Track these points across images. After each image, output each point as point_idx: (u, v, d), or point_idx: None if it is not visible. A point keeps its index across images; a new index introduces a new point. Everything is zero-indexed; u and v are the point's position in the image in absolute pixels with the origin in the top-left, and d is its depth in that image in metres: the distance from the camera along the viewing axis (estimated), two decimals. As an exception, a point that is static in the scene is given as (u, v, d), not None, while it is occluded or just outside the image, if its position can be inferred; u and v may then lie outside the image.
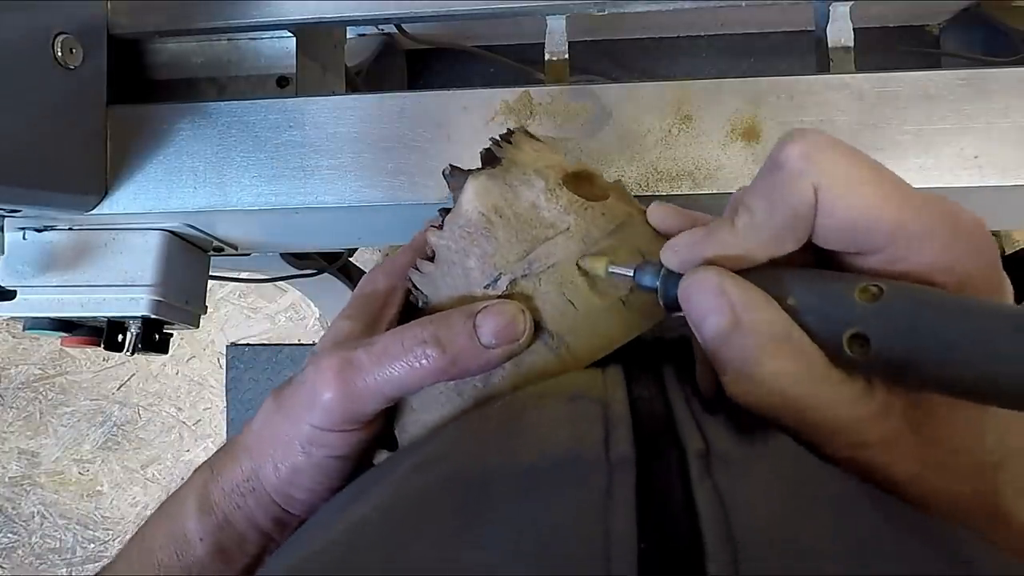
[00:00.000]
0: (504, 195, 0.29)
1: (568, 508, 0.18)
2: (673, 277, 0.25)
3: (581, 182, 0.31)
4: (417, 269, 0.30)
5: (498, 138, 0.31)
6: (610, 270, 0.28)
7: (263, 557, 0.30)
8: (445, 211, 0.30)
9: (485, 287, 0.29)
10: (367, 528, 0.20)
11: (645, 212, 0.30)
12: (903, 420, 0.21)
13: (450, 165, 0.31)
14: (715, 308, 0.23)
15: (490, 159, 0.30)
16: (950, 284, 0.20)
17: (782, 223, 0.22)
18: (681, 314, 0.25)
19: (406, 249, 0.33)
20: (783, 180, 0.21)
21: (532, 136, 0.33)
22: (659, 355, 0.30)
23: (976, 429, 0.21)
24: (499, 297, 0.28)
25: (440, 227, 0.30)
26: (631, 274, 0.27)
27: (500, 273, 0.29)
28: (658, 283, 0.26)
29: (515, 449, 0.21)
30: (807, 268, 0.23)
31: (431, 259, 0.30)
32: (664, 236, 0.28)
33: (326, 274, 0.79)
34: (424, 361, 0.26)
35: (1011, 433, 0.21)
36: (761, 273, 0.23)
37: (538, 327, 0.28)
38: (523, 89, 0.39)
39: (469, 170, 0.30)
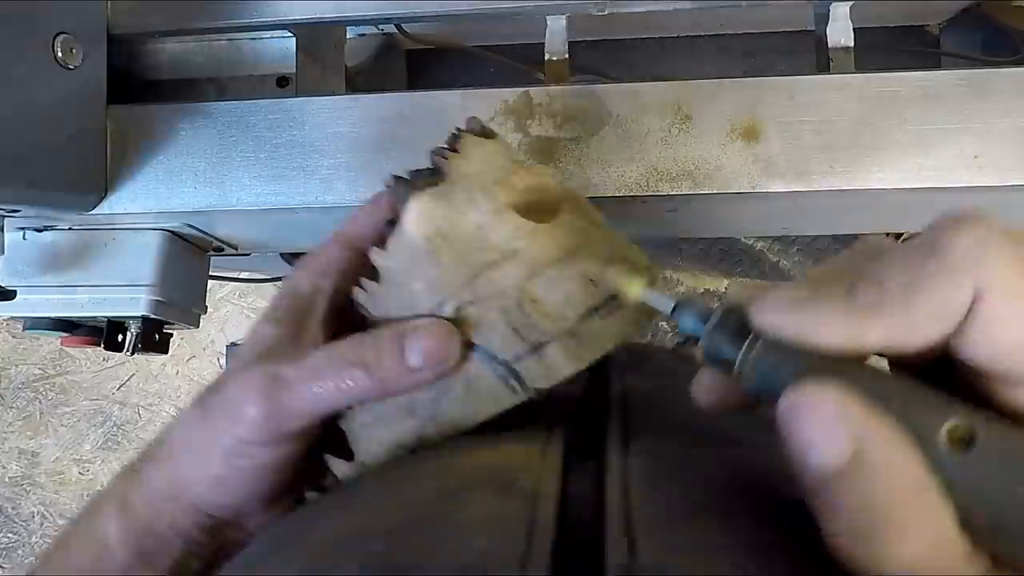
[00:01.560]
0: (448, 217, 0.27)
1: None
2: (732, 327, 0.20)
3: (533, 194, 0.29)
4: (362, 288, 0.29)
5: (444, 147, 0.29)
6: (643, 295, 0.25)
7: (190, 562, 0.29)
8: (399, 179, 0.29)
9: (431, 312, 0.28)
10: None
11: (599, 224, 0.29)
12: None
13: (392, 175, 0.29)
14: (834, 438, 0.17)
15: (436, 170, 0.29)
16: None
17: (922, 317, 0.17)
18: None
19: (330, 244, 0.32)
20: (940, 268, 0.17)
21: (484, 132, 0.31)
22: (607, 415, 0.28)
23: None
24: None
25: (384, 248, 0.28)
26: (668, 311, 0.23)
27: (446, 298, 0.27)
28: (704, 332, 0.21)
29: (436, 547, 0.20)
30: (902, 376, 0.18)
31: (375, 279, 0.29)
32: (617, 255, 0.27)
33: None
34: (350, 382, 0.26)
35: None
36: (853, 372, 0.18)
37: (487, 354, 0.27)
38: (523, 89, 0.39)
39: (412, 181, 0.29)
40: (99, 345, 0.46)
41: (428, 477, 0.25)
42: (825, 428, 0.17)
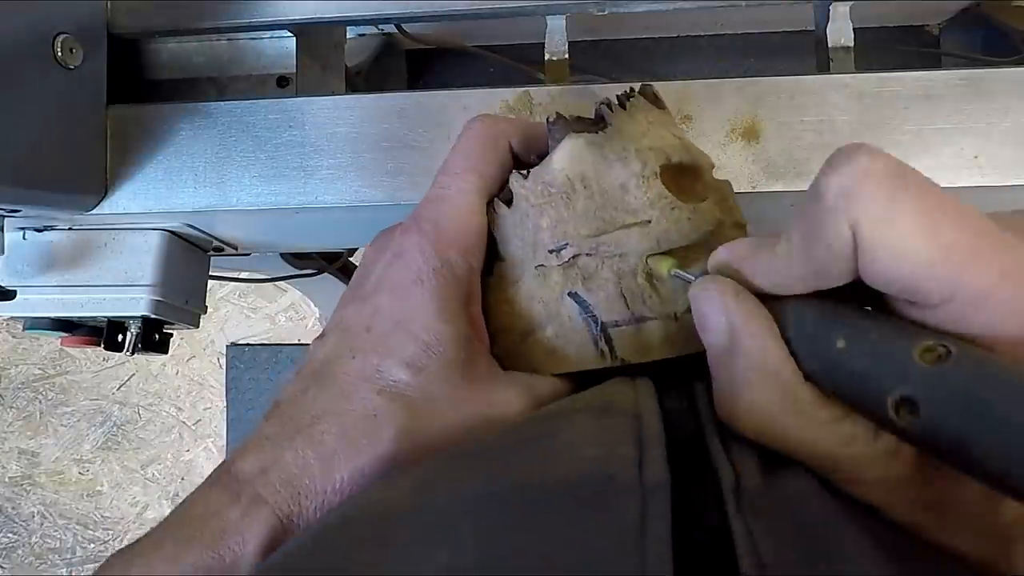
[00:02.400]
0: (596, 166, 0.27)
1: (601, 537, 0.17)
2: None
3: (684, 174, 0.28)
4: (493, 208, 0.29)
5: (616, 99, 0.29)
6: (673, 272, 0.26)
7: None
8: (561, 118, 0.29)
9: (550, 251, 0.28)
10: (396, 530, 0.19)
11: (738, 224, 0.28)
12: (911, 468, 0.19)
13: (556, 113, 0.29)
14: (715, 324, 0.22)
15: (598, 119, 0.29)
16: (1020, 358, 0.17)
17: (818, 261, 0.20)
18: None
19: (518, 125, 0.31)
20: (819, 215, 0.19)
21: (655, 101, 0.31)
22: (689, 368, 0.29)
23: (994, 500, 0.18)
24: (559, 266, 0.28)
25: (525, 175, 0.29)
26: (692, 279, 0.25)
27: (567, 243, 0.28)
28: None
29: (546, 465, 0.20)
30: (868, 311, 0.20)
31: (508, 202, 0.29)
32: None
33: (326, 274, 0.79)
34: None
35: None
36: (810, 305, 0.21)
37: (588, 309, 0.27)
38: (523, 89, 0.39)
39: (573, 123, 0.29)
40: (99, 345, 0.46)
41: (525, 423, 0.25)
42: (712, 314, 0.22)
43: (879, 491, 0.20)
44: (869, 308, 0.21)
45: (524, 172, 0.29)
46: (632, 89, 0.30)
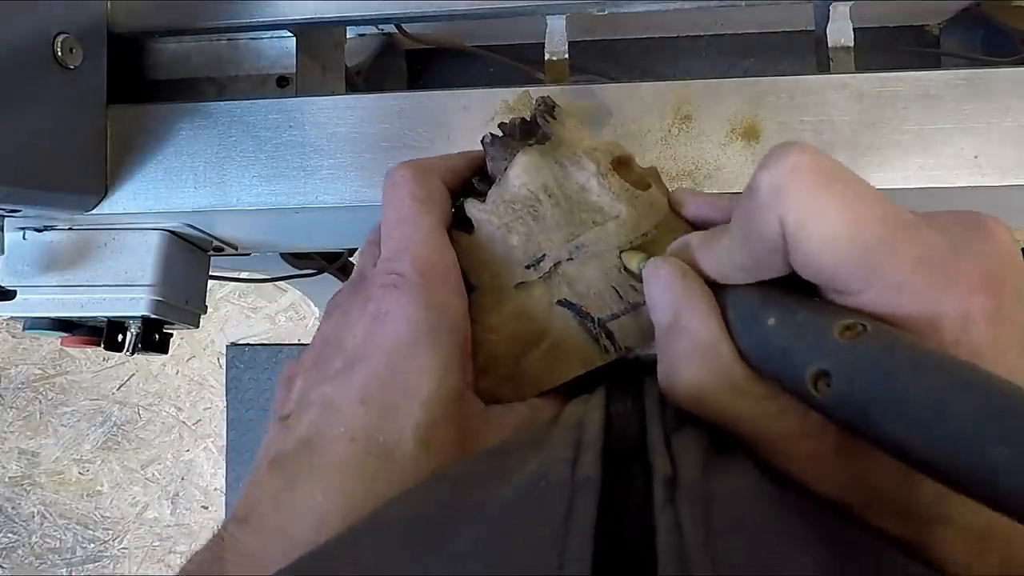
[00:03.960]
0: (555, 174, 0.28)
1: (527, 532, 0.17)
2: None
3: (622, 167, 0.30)
4: (453, 240, 0.29)
5: (544, 110, 0.30)
6: (642, 266, 0.27)
7: None
8: (497, 138, 0.29)
9: (527, 266, 0.28)
10: (353, 543, 0.20)
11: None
12: (834, 445, 0.20)
13: (490, 133, 0.30)
14: (661, 302, 0.24)
15: (530, 131, 0.29)
16: (939, 343, 0.18)
17: (754, 253, 0.21)
18: None
19: (461, 157, 0.31)
20: (753, 210, 0.20)
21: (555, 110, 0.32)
22: (642, 367, 0.29)
23: (910, 480, 0.19)
24: (540, 279, 0.28)
25: (482, 200, 0.29)
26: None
27: (544, 254, 0.28)
28: None
29: (495, 483, 0.21)
30: (803, 296, 0.22)
31: (467, 230, 0.29)
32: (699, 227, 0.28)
33: (326, 274, 0.79)
34: None
35: (952, 500, 0.18)
36: (750, 290, 0.23)
37: (581, 312, 0.28)
38: (523, 89, 0.39)
39: (514, 141, 0.29)
40: (99, 345, 0.46)
41: (488, 452, 0.25)
42: (659, 293, 0.24)
43: (806, 466, 0.21)
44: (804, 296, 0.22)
45: (479, 198, 0.29)
46: (550, 104, 0.30)
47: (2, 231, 0.42)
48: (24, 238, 0.45)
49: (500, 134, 0.30)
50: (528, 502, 0.19)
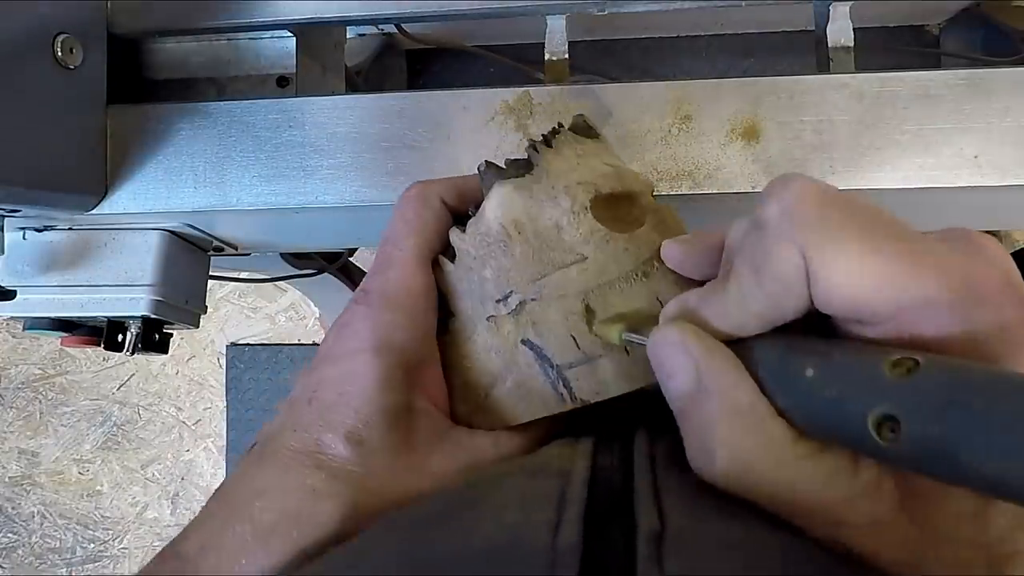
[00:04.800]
0: (528, 210, 0.27)
1: None
2: None
3: (619, 203, 0.28)
4: (438, 264, 0.29)
5: (541, 138, 0.29)
6: (624, 338, 0.25)
7: None
8: (491, 166, 0.29)
9: (497, 301, 0.28)
10: None
11: None
12: (895, 504, 0.19)
13: (485, 161, 0.29)
14: (680, 368, 0.21)
15: (526, 162, 0.28)
16: (974, 356, 0.18)
17: (771, 293, 0.20)
18: None
19: (448, 183, 0.31)
20: (765, 245, 0.19)
21: (586, 131, 0.30)
22: (636, 411, 0.28)
23: (982, 519, 0.18)
24: (508, 315, 0.27)
25: (463, 230, 0.29)
26: (645, 341, 0.24)
27: (512, 291, 0.27)
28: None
29: (467, 531, 0.20)
30: (826, 339, 0.20)
31: (452, 257, 0.29)
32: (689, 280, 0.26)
33: (326, 274, 0.79)
34: None
35: (1021, 527, 0.18)
36: (773, 341, 0.21)
37: (542, 355, 0.27)
38: (523, 89, 0.39)
39: (501, 170, 0.28)
40: (99, 345, 0.46)
41: (459, 487, 0.25)
42: (674, 360, 0.21)
43: (864, 534, 0.19)
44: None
45: (462, 227, 0.29)
46: (561, 125, 0.30)
47: (2, 231, 0.42)
48: (24, 238, 0.45)
49: (495, 162, 0.29)
50: (506, 568, 0.18)
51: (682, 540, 0.18)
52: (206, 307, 0.51)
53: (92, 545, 1.45)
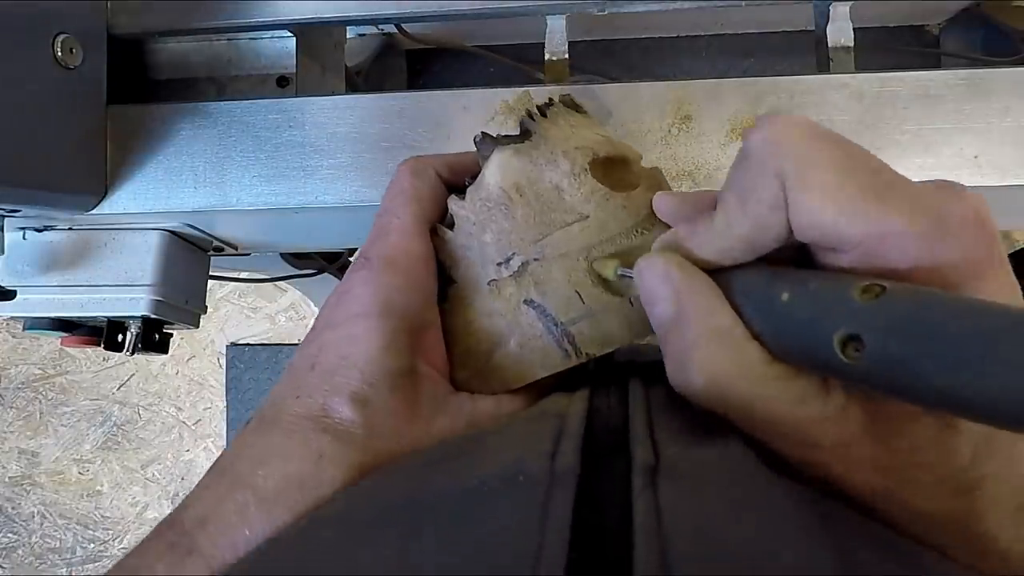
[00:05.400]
0: (528, 173, 0.28)
1: (504, 522, 0.17)
2: None
3: (614, 167, 0.29)
4: (437, 232, 0.30)
5: (535, 109, 0.30)
6: (619, 272, 0.27)
7: None
8: (487, 136, 0.29)
9: (498, 264, 0.28)
10: (321, 532, 0.20)
11: None
12: (862, 428, 0.20)
13: (481, 132, 0.30)
14: (661, 295, 0.23)
15: (524, 133, 0.29)
16: (938, 285, 0.19)
17: (754, 218, 0.21)
18: None
19: (466, 155, 0.31)
20: (749, 172, 0.20)
21: (574, 107, 0.32)
22: (632, 369, 0.29)
23: (945, 445, 0.19)
24: (510, 277, 0.28)
25: (462, 197, 0.29)
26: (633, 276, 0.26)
27: (513, 253, 0.28)
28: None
29: (467, 470, 0.20)
30: (803, 269, 0.22)
31: (451, 226, 0.30)
32: None
33: (326, 274, 0.79)
34: None
35: (990, 454, 0.19)
36: (753, 270, 0.22)
37: (546, 313, 0.28)
38: (523, 89, 0.39)
39: (497, 138, 0.29)
40: (99, 345, 0.46)
41: (462, 436, 0.26)
42: (657, 286, 0.23)
43: (834, 456, 0.20)
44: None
45: (461, 194, 0.29)
46: (549, 100, 0.31)
47: (2, 231, 0.42)
48: (24, 238, 0.45)
49: (492, 133, 0.30)
50: (506, 492, 0.18)
51: (676, 471, 0.19)
52: (206, 307, 0.51)
53: (92, 545, 1.45)
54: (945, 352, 0.17)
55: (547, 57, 0.42)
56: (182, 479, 1.42)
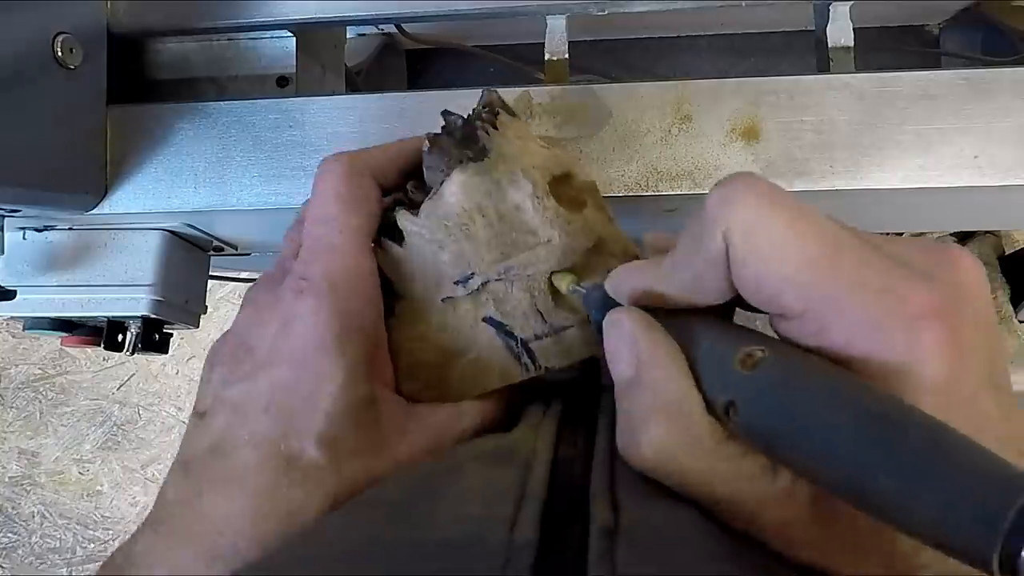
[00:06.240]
0: (490, 194, 0.27)
1: None
2: (608, 305, 0.25)
3: (562, 183, 0.30)
4: (382, 248, 0.29)
5: (480, 118, 0.29)
6: (572, 288, 0.27)
7: None
8: (437, 145, 0.28)
9: (455, 282, 0.28)
10: (283, 565, 0.20)
11: (612, 219, 0.30)
12: (807, 508, 0.19)
13: (427, 140, 0.29)
14: (624, 357, 0.22)
15: (469, 138, 0.28)
16: (886, 378, 0.17)
17: (695, 271, 0.21)
18: None
19: (397, 150, 0.30)
20: (698, 227, 0.20)
21: (506, 108, 0.31)
22: (599, 395, 0.29)
23: (881, 533, 0.18)
24: (467, 295, 0.28)
25: (415, 213, 0.28)
26: (584, 291, 0.27)
27: (472, 272, 0.28)
28: (593, 309, 0.26)
29: (429, 520, 0.20)
30: (725, 325, 0.22)
31: (399, 241, 0.29)
32: (630, 252, 0.29)
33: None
34: None
35: (925, 548, 0.17)
36: (690, 319, 0.22)
37: (505, 330, 0.28)
38: (523, 89, 0.39)
39: (453, 150, 0.28)
40: (99, 345, 0.46)
41: (428, 463, 0.25)
42: (620, 346, 0.22)
43: (777, 534, 0.19)
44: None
45: (413, 210, 0.28)
46: (494, 111, 0.30)
47: (2, 231, 0.42)
48: (24, 238, 0.45)
49: (439, 142, 0.29)
50: (464, 559, 0.18)
51: (635, 535, 0.18)
52: (206, 307, 0.51)
53: (92, 545, 1.45)
54: (798, 438, 0.17)
55: (547, 57, 0.42)
56: (182, 479, 1.42)
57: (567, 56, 0.42)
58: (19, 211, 0.41)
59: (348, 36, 0.54)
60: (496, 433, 0.27)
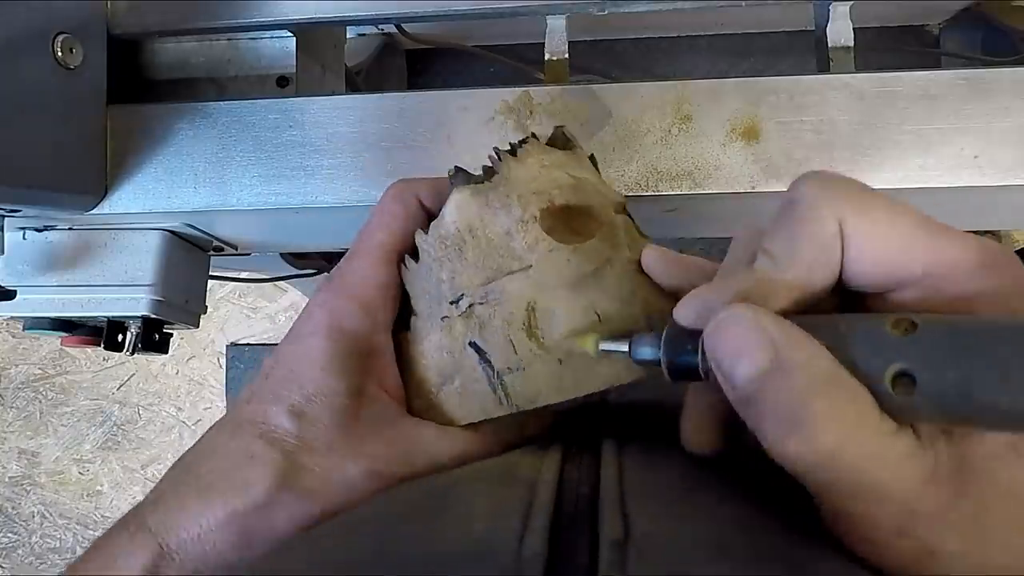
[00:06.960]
0: (482, 215, 0.28)
1: None
2: (682, 337, 0.22)
3: (573, 215, 0.28)
4: (404, 264, 0.30)
5: (508, 146, 0.29)
6: (602, 347, 0.25)
7: None
8: (460, 172, 0.29)
9: (451, 303, 0.28)
10: None
11: (631, 259, 0.27)
12: (951, 484, 0.18)
13: (455, 167, 0.29)
14: (753, 346, 0.20)
15: (487, 170, 0.29)
16: (990, 311, 0.19)
17: (808, 261, 0.20)
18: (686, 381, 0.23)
19: (429, 183, 0.31)
20: (803, 214, 0.20)
21: (563, 143, 0.30)
22: (603, 423, 0.29)
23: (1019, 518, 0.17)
24: (460, 317, 0.28)
25: (426, 231, 0.29)
26: (626, 350, 0.24)
27: (463, 294, 0.28)
28: (660, 351, 0.23)
29: (435, 536, 0.20)
30: (830, 314, 0.21)
31: (416, 257, 0.30)
32: (637, 295, 0.26)
33: (326, 274, 0.79)
34: None
35: None
36: (802, 315, 0.21)
37: (485, 358, 0.27)
38: (523, 89, 0.39)
39: (466, 175, 0.29)
40: (99, 345, 0.46)
41: (428, 481, 0.26)
42: (746, 338, 0.20)
43: (930, 526, 0.18)
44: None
45: (425, 228, 0.29)
46: (534, 134, 0.30)
47: (2, 231, 0.42)
48: (24, 238, 0.45)
49: (465, 168, 0.29)
50: (474, 573, 0.18)
51: (646, 545, 0.18)
52: (206, 307, 0.51)
53: (92, 545, 1.45)
54: (1000, 372, 0.17)
55: (547, 57, 0.42)
56: (182, 479, 1.42)
57: (567, 56, 0.42)
58: (19, 211, 0.41)
59: (348, 36, 0.54)
60: (497, 457, 0.27)
